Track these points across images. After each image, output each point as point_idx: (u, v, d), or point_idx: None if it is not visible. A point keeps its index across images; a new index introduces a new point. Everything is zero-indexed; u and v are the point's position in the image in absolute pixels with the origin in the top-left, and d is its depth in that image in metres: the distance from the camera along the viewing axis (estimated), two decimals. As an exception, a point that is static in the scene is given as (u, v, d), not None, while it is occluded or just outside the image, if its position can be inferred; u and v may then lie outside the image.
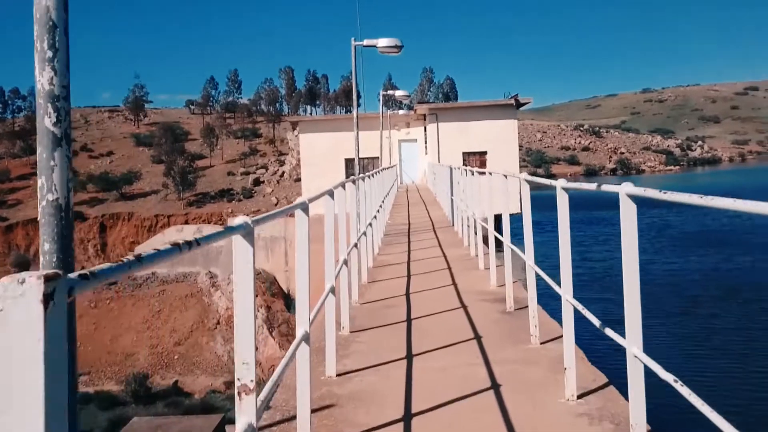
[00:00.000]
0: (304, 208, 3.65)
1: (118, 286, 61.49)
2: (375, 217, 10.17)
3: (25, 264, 77.69)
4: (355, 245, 7.39)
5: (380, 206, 11.69)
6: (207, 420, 14.12)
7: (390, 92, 20.99)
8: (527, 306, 5.78)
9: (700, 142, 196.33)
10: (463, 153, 34.80)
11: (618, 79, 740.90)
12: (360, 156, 36.47)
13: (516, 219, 7.03)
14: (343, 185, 6.68)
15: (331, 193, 4.97)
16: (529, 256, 5.45)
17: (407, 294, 7.72)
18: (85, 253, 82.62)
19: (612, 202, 3.05)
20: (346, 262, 6.01)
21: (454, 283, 8.02)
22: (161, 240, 67.40)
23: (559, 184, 4.10)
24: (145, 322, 55.83)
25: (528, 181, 5.28)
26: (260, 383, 2.43)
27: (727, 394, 17.57)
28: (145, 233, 79.38)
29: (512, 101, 33.96)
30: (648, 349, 3.00)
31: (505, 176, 6.48)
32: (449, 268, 9.17)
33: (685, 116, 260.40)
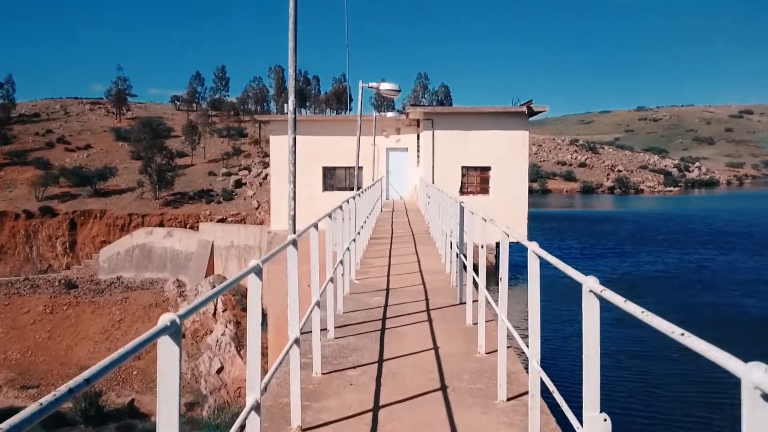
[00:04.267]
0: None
1: (78, 290, 56.86)
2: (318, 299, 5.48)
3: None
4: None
5: (339, 265, 7.30)
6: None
7: (374, 84, 16.45)
8: None
9: (697, 164, 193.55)
10: (462, 167, 30.19)
11: (612, 96, 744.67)
12: (338, 165, 32.32)
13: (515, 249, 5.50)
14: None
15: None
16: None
17: None
18: (53, 251, 78.05)
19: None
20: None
21: None
22: (129, 242, 62.79)
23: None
24: (104, 332, 51.40)
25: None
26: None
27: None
28: (117, 232, 74.77)
29: (524, 109, 28.91)
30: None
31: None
32: None
33: (680, 136, 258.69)
